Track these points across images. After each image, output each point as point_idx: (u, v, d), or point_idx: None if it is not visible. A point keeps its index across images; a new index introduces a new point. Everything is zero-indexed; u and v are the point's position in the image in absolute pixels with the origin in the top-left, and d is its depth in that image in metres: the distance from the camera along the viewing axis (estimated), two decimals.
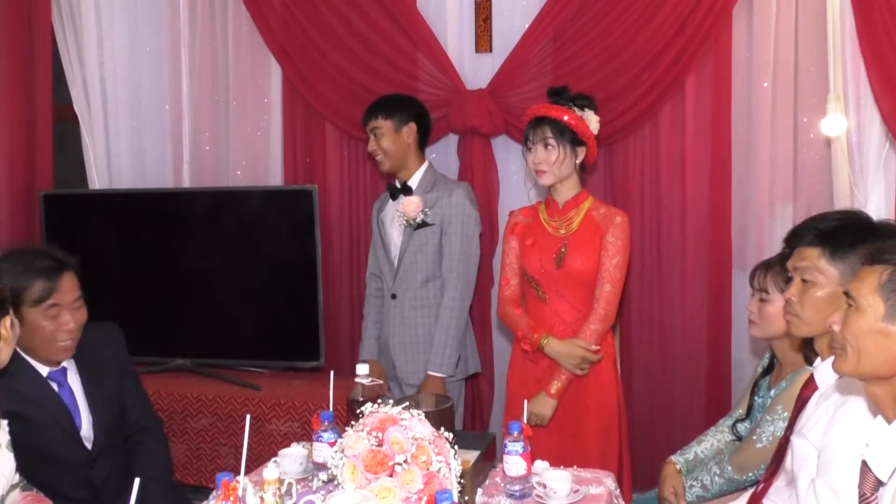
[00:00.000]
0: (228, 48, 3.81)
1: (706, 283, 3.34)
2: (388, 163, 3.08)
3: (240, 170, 3.85)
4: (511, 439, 2.16)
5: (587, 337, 2.71)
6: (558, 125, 2.71)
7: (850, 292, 1.57)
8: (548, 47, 3.37)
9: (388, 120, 3.05)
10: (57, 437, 2.33)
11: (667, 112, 3.34)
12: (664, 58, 3.24)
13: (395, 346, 3.14)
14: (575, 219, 2.78)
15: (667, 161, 3.35)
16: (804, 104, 3.22)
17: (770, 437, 2.27)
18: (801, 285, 1.95)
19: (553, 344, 2.74)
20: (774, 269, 2.39)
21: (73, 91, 3.95)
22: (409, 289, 3.10)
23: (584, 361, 2.73)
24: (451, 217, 3.04)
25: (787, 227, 3.05)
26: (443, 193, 3.06)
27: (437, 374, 3.04)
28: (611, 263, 2.72)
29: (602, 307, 2.72)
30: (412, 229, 3.07)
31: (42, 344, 2.32)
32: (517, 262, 2.87)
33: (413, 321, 3.11)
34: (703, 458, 2.54)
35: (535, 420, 2.74)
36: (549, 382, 2.75)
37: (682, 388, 3.39)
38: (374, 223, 3.25)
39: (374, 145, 3.07)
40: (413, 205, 3.04)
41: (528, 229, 2.85)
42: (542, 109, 2.76)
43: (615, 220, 2.74)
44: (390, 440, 1.86)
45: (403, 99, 3.16)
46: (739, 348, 3.37)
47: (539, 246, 2.80)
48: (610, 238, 2.72)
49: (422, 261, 3.08)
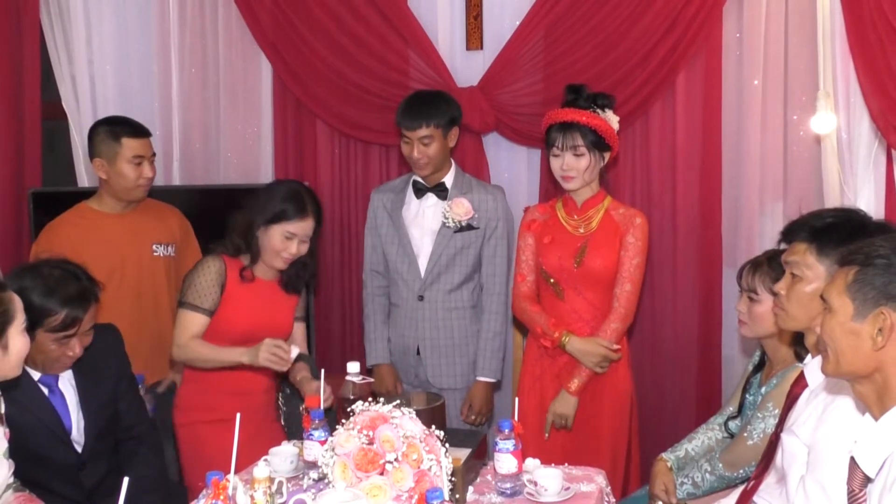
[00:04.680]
0: (218, 45, 3.78)
1: (696, 281, 3.34)
2: (431, 169, 2.98)
3: (230, 167, 3.84)
4: (502, 437, 2.17)
5: (608, 335, 2.74)
6: (588, 132, 2.72)
7: (823, 295, 1.60)
8: (539, 44, 3.36)
9: (439, 128, 2.92)
10: (46, 441, 2.31)
11: (657, 109, 3.34)
12: (655, 55, 3.24)
13: (427, 350, 3.05)
14: (594, 218, 2.81)
15: (657, 158, 3.35)
16: (794, 102, 3.23)
17: (761, 434, 2.28)
18: (790, 279, 1.97)
19: (574, 342, 2.75)
20: (762, 269, 2.40)
21: (61, 88, 3.90)
22: (441, 291, 3.02)
23: (605, 360, 2.76)
24: (497, 222, 3.01)
25: (778, 224, 3.12)
26: (485, 197, 3.01)
27: (488, 379, 3.03)
28: (631, 263, 2.76)
29: (623, 306, 2.75)
30: (453, 231, 2.99)
31: (43, 360, 2.29)
32: (533, 258, 2.88)
33: (448, 324, 3.04)
34: (693, 455, 2.55)
35: (560, 421, 2.77)
36: (568, 380, 2.78)
37: (673, 385, 3.40)
38: (383, 218, 3.12)
39: (421, 153, 2.92)
40: (464, 207, 2.97)
41: (545, 227, 2.86)
42: (570, 114, 2.73)
43: (636, 221, 2.78)
44: (381, 438, 1.87)
45: (446, 100, 3.03)
46: (730, 345, 3.38)
47: (558, 244, 2.82)
48: (630, 238, 2.76)
49: (461, 263, 3.01)
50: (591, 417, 2.81)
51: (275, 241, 2.64)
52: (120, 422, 2.49)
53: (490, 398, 3.04)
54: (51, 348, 2.24)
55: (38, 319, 2.16)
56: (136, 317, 3.00)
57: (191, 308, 2.63)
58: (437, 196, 3.04)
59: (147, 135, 3.05)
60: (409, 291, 3.06)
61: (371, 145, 3.67)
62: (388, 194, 3.15)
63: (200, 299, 2.63)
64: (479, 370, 3.02)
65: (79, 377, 2.39)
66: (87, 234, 3.00)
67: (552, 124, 2.78)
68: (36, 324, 2.15)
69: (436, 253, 3.02)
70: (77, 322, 2.23)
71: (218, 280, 2.65)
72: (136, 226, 3.07)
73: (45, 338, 2.21)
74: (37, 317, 2.14)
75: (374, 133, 3.59)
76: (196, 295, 2.63)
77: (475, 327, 3.06)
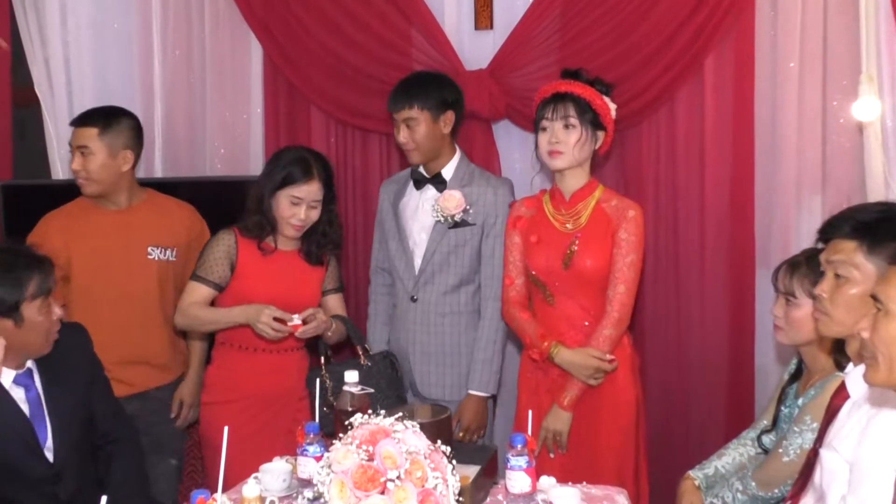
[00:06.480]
0: (205, 25, 3.77)
1: (727, 283, 3.33)
2: (421, 156, 2.99)
3: (217, 158, 3.83)
4: (514, 453, 2.17)
5: (601, 344, 2.69)
6: (581, 103, 2.70)
7: (877, 295, 1.57)
8: (554, 24, 3.35)
9: (426, 110, 2.94)
10: (16, 451, 2.32)
11: (684, 95, 3.33)
12: (681, 35, 3.22)
13: (416, 356, 3.05)
14: (583, 212, 2.76)
15: (684, 149, 3.34)
16: (834, 86, 3.21)
17: (798, 449, 2.27)
18: (833, 281, 1.95)
19: (563, 353, 2.72)
20: (801, 270, 2.40)
21: (34, 72, 3.90)
22: (435, 293, 3.02)
23: (598, 371, 2.70)
24: (495, 218, 2.97)
25: (816, 220, 3.09)
26: (485, 190, 2.99)
27: (480, 393, 2.98)
28: (624, 262, 2.70)
29: (616, 310, 2.70)
30: (447, 227, 2.98)
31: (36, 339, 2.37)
32: (521, 259, 2.84)
33: (440, 329, 3.02)
34: (724, 473, 2.54)
35: (553, 438, 2.73)
36: (560, 394, 2.74)
37: (701, 396, 3.39)
38: (387, 211, 3.15)
39: (406, 137, 2.96)
40: (454, 201, 2.95)
41: (531, 224, 2.83)
42: (563, 85, 2.74)
43: (628, 214, 2.72)
44: (382, 454, 1.85)
45: (438, 82, 3.05)
46: (763, 353, 3.37)
47: (545, 243, 2.78)
48: (623, 234, 2.70)
49: (456, 263, 3.00)
50: (589, 433, 2.75)
51: (282, 207, 2.84)
52: (95, 428, 2.51)
53: (482, 413, 3.00)
54: (38, 321, 2.33)
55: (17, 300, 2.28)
56: (117, 322, 3.02)
57: (196, 279, 2.88)
58: (435, 188, 3.04)
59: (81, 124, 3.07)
60: (404, 291, 3.08)
61: (370, 133, 3.67)
62: (393, 186, 3.19)
63: (206, 271, 2.87)
64: (470, 382, 2.99)
65: (45, 380, 2.41)
66: (80, 229, 3.06)
67: (543, 98, 2.77)
68: (18, 305, 2.28)
69: (429, 250, 3.01)
70: (49, 281, 2.36)
71: (227, 253, 2.88)
72: (133, 225, 3.10)
73: (31, 312, 2.31)
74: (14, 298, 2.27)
75: (374, 120, 3.57)
76: (203, 268, 2.88)
77: (472, 335, 3.03)
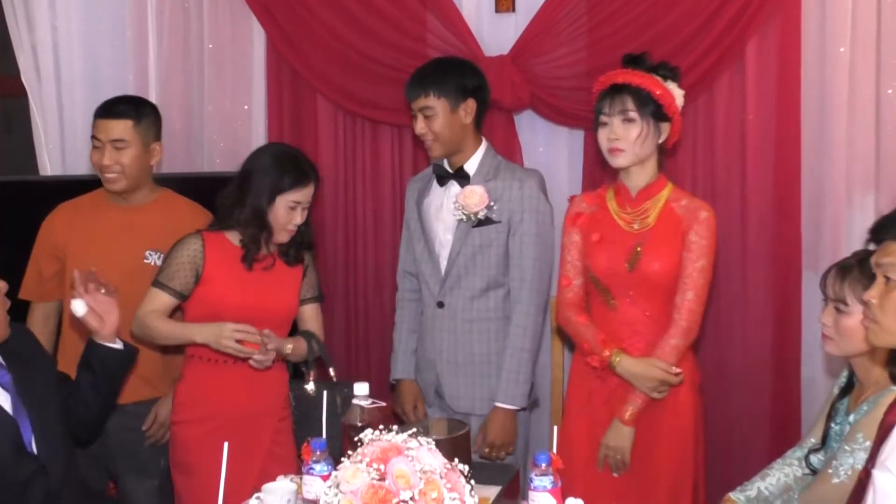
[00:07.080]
0: (203, 8, 3.79)
1: (771, 288, 3.33)
2: (441, 148, 2.97)
3: (216, 152, 3.85)
4: (538, 472, 2.10)
5: (667, 356, 2.69)
6: (641, 95, 2.69)
7: None
8: (581, 5, 3.35)
9: (442, 98, 2.92)
10: (2, 448, 2.33)
11: (723, 83, 3.33)
12: (720, 18, 3.22)
13: (443, 365, 3.04)
14: (651, 211, 2.76)
15: (723, 141, 3.35)
16: (889, 73, 3.21)
17: (849, 470, 2.27)
18: (884, 286, 1.91)
19: (626, 362, 2.71)
20: (853, 275, 2.37)
21: (20, 60, 3.94)
22: (462, 297, 3.00)
23: (663, 384, 2.69)
24: (521, 214, 2.94)
25: (867, 220, 3.02)
26: (510, 184, 2.96)
27: (508, 406, 2.96)
28: (694, 267, 2.70)
29: (684, 318, 2.70)
30: (471, 226, 2.96)
31: None
32: (580, 259, 2.84)
33: (467, 337, 3.01)
34: (767, 495, 2.53)
35: (616, 456, 2.73)
36: (621, 407, 2.72)
37: (743, 412, 3.39)
38: (412, 211, 3.15)
39: (423, 128, 2.94)
40: (476, 196, 2.92)
41: (593, 221, 2.82)
42: (620, 75, 2.72)
43: (700, 216, 2.71)
44: (394, 473, 1.84)
45: (458, 67, 3.03)
46: (811, 365, 3.37)
47: (608, 243, 2.77)
48: (694, 237, 2.70)
49: (482, 265, 2.98)
50: (646, 451, 2.75)
51: (280, 214, 2.83)
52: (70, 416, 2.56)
53: (511, 428, 2.97)
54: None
55: None
56: None
57: (157, 286, 2.85)
58: (458, 184, 3.01)
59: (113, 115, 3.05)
60: (430, 296, 3.07)
61: (381, 125, 3.69)
62: (417, 184, 3.19)
63: (167, 278, 2.85)
64: (497, 394, 2.97)
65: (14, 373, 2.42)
66: (83, 224, 3.11)
67: (601, 91, 2.76)
68: None
69: (454, 251, 3.00)
70: None
71: (190, 261, 2.84)
72: (133, 226, 3.11)
73: None
74: None
75: (385, 111, 3.59)
76: (164, 273, 2.86)
77: (503, 344, 3.01)
